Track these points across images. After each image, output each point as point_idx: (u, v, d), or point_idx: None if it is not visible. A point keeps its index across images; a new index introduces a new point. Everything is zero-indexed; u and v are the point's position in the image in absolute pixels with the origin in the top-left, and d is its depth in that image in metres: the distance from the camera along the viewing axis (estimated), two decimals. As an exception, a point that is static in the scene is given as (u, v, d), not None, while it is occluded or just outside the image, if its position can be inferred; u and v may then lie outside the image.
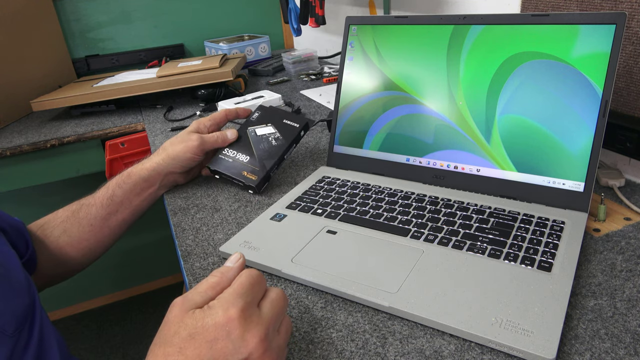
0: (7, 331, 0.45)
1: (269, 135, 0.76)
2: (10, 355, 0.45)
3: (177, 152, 0.72)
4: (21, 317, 0.48)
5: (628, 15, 0.64)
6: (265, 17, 1.87)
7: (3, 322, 0.45)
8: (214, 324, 0.36)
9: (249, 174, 0.71)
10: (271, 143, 0.75)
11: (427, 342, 0.44)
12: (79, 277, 0.75)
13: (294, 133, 0.76)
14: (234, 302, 0.38)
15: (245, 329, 0.37)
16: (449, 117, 0.67)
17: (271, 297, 0.41)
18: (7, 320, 0.45)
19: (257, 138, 0.76)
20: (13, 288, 0.48)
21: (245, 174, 0.72)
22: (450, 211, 0.61)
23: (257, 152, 0.74)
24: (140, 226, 2.04)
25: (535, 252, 0.52)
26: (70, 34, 1.63)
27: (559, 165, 0.60)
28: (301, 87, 1.33)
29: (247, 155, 0.74)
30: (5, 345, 0.44)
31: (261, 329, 0.37)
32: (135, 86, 1.21)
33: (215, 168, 0.74)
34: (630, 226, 0.59)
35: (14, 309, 0.47)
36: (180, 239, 0.64)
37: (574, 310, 0.46)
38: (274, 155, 0.74)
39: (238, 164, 0.74)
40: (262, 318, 0.38)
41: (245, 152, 0.75)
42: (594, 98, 0.58)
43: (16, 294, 0.48)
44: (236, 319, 0.37)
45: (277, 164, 0.74)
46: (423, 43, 0.70)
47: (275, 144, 0.75)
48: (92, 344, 1.88)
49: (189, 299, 0.39)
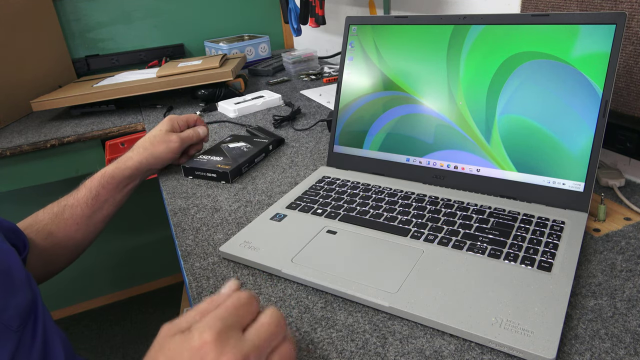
0: (12, 326, 0.46)
1: (240, 146, 0.88)
2: (15, 351, 0.45)
3: (159, 152, 0.79)
4: (24, 312, 0.48)
5: (628, 15, 0.64)
6: (265, 17, 1.87)
7: (7, 316, 0.45)
8: (189, 348, 0.35)
9: (223, 166, 0.80)
10: (243, 150, 0.86)
11: (427, 342, 0.44)
12: (79, 277, 0.76)
13: (264, 144, 0.88)
14: (212, 325, 0.35)
15: (220, 353, 0.34)
16: (449, 117, 0.67)
17: (261, 321, 0.38)
18: (10, 315, 0.46)
19: (229, 148, 0.87)
20: (15, 284, 0.49)
21: (219, 166, 0.80)
22: (450, 211, 0.61)
23: (230, 154, 0.84)
24: (140, 226, 2.06)
25: (535, 252, 0.52)
26: (70, 34, 1.63)
27: (559, 165, 0.60)
28: (301, 87, 1.33)
29: (221, 157, 0.84)
30: (10, 340, 0.45)
31: (238, 354, 0.34)
32: (135, 86, 1.21)
33: (190, 166, 0.81)
34: (630, 226, 0.59)
35: (17, 304, 0.47)
36: (180, 239, 0.64)
37: (574, 310, 0.46)
38: (246, 155, 0.83)
39: (212, 162, 0.82)
40: (243, 343, 0.35)
41: (220, 156, 0.85)
42: (594, 98, 0.58)
43: (18, 290, 0.49)
44: (211, 342, 0.34)
45: (248, 162, 0.83)
46: (423, 43, 0.70)
47: (247, 150, 0.86)
48: (92, 344, 1.88)
49: (175, 324, 0.38)
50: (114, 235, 1.99)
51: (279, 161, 0.86)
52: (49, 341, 0.51)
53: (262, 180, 0.79)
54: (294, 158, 0.87)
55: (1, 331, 0.45)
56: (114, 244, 2.00)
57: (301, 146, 0.92)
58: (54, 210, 0.72)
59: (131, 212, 1.98)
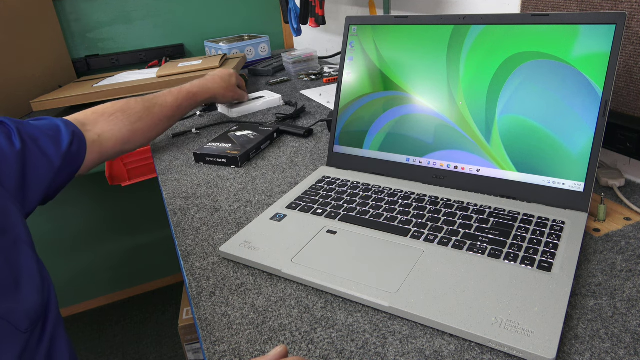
0: (21, 328, 0.50)
1: (247, 134, 0.94)
2: (23, 351, 0.49)
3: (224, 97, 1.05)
4: (34, 316, 0.52)
5: (628, 15, 0.64)
6: (265, 17, 1.87)
7: (16, 319, 0.49)
8: None
9: (232, 152, 0.86)
10: (249, 137, 0.93)
11: (427, 342, 0.44)
12: (79, 277, 0.76)
13: (269, 132, 0.94)
14: None
15: None
16: (449, 117, 0.67)
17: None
18: (19, 318, 0.50)
19: (237, 136, 0.94)
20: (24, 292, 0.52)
21: (228, 152, 0.86)
22: (450, 211, 0.61)
23: (238, 142, 0.91)
24: (140, 226, 2.05)
25: (535, 252, 0.52)
26: (70, 34, 1.63)
27: (559, 165, 0.60)
28: (301, 87, 1.33)
29: (229, 144, 0.90)
30: (18, 341, 0.49)
31: None
32: (135, 86, 1.21)
33: (201, 152, 0.87)
34: (630, 226, 0.59)
35: (28, 308, 0.51)
36: (180, 239, 0.64)
37: (574, 310, 0.46)
38: (253, 142, 0.90)
39: (222, 148, 0.88)
40: None
41: (228, 143, 0.91)
42: (594, 98, 0.58)
43: (29, 297, 0.52)
44: None
45: (256, 149, 0.89)
46: (423, 43, 0.70)
47: (253, 137, 0.92)
48: (92, 344, 1.88)
49: None
50: (114, 235, 1.99)
51: (279, 161, 0.86)
52: (57, 342, 0.55)
53: (262, 180, 0.79)
54: (294, 158, 0.87)
55: (10, 332, 0.47)
56: (114, 244, 2.01)
57: (301, 146, 0.92)
58: (146, 104, 0.86)
59: (131, 212, 1.99)
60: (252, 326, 0.48)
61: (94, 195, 1.90)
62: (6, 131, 0.62)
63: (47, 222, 1.84)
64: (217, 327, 0.48)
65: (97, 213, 1.93)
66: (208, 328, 0.48)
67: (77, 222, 1.91)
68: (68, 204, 1.85)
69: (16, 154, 0.60)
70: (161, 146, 0.98)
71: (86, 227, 1.93)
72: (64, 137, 0.68)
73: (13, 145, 0.60)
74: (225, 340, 0.46)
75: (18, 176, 0.60)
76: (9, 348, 0.48)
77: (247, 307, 0.50)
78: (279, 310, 0.49)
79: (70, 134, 0.70)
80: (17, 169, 0.60)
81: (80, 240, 1.94)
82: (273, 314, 0.49)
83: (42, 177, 0.64)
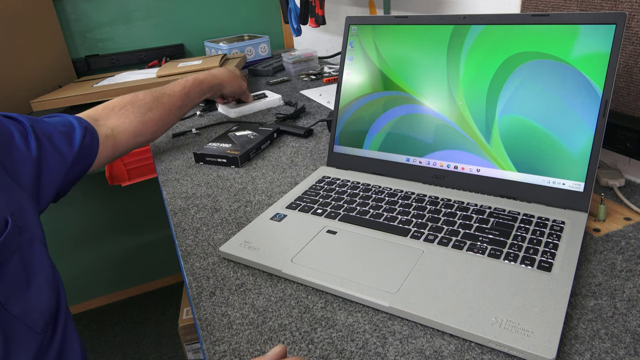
0: (36, 329, 0.51)
1: (247, 134, 0.94)
2: (37, 350, 0.50)
3: (230, 88, 1.05)
4: (48, 316, 0.53)
5: (628, 15, 0.64)
6: (265, 17, 1.87)
7: (32, 320, 0.50)
8: None
9: (232, 152, 0.86)
10: (249, 137, 0.92)
11: (427, 342, 0.44)
12: (79, 277, 0.77)
13: (268, 132, 0.94)
14: None
15: None
16: (449, 117, 0.67)
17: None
18: (35, 319, 0.51)
19: (237, 136, 0.94)
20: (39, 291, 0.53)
21: (228, 152, 0.86)
22: (450, 211, 0.61)
23: (238, 142, 0.91)
24: (140, 226, 2.05)
25: (535, 252, 0.52)
26: (70, 34, 1.63)
27: (559, 165, 0.60)
28: (301, 87, 1.33)
29: (229, 144, 0.90)
30: (34, 342, 0.50)
31: None
32: (135, 86, 1.20)
33: (201, 152, 0.87)
34: (630, 226, 0.59)
35: (42, 309, 0.52)
36: (180, 239, 0.64)
37: (574, 310, 0.46)
38: (253, 142, 0.90)
39: (222, 148, 0.88)
40: None
41: (228, 143, 0.91)
42: (594, 98, 0.58)
43: (44, 296, 0.53)
44: None
45: (256, 149, 0.89)
46: (423, 43, 0.70)
47: (253, 137, 0.92)
48: (92, 344, 1.88)
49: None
50: (114, 235, 1.99)
51: (279, 161, 0.86)
52: (68, 340, 0.56)
53: (262, 180, 0.79)
54: (294, 158, 0.87)
55: (25, 333, 0.48)
56: (114, 244, 2.01)
57: (301, 146, 0.92)
58: (154, 94, 0.86)
59: (131, 212, 1.99)
60: (252, 326, 0.48)
61: (94, 196, 1.90)
62: (22, 130, 0.62)
63: (47, 222, 1.84)
64: (217, 327, 0.48)
65: (97, 213, 1.93)
66: (208, 328, 0.48)
67: (77, 222, 1.91)
68: (68, 204, 1.85)
69: (32, 153, 0.60)
70: (161, 146, 0.98)
71: (86, 227, 1.93)
72: (76, 133, 0.69)
73: (29, 145, 0.61)
74: (225, 340, 0.46)
75: (34, 175, 0.60)
76: (24, 350, 0.48)
77: (247, 307, 0.50)
78: (279, 310, 0.49)
79: (83, 130, 0.70)
80: (32, 168, 0.60)
81: (80, 240, 1.94)
82: (273, 314, 0.49)
83: (56, 174, 0.64)
